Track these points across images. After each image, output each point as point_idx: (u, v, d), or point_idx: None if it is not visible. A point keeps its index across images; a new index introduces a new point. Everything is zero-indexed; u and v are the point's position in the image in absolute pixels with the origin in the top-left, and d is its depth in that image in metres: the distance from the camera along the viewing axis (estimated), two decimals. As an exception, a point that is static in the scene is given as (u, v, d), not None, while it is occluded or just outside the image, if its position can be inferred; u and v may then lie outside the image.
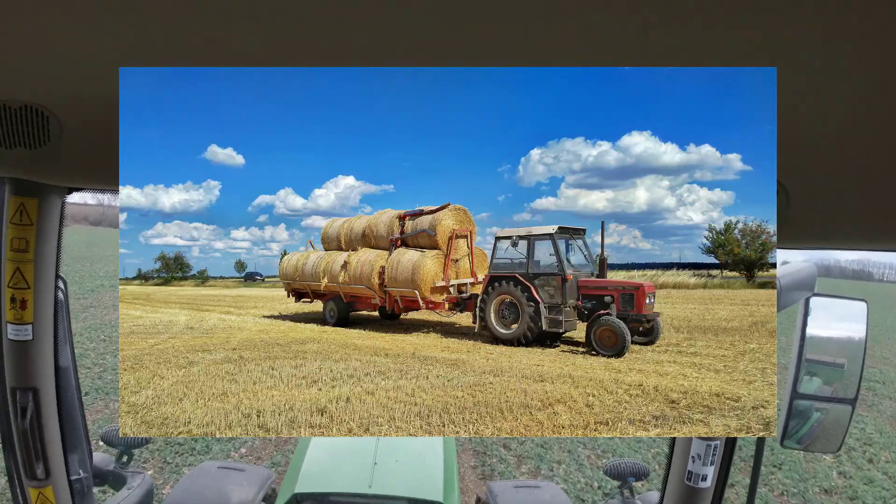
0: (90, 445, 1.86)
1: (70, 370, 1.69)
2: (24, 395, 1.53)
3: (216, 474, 3.26)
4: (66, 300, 1.64)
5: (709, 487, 1.88)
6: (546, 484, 3.63)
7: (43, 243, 1.46)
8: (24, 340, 1.49)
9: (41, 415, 1.57)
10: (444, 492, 2.84)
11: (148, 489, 2.27)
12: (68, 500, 1.69)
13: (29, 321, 1.49)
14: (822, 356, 1.53)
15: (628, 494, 2.93)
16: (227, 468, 3.38)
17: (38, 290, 1.48)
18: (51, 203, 1.45)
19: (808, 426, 1.56)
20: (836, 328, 1.52)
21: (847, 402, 1.52)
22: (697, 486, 1.88)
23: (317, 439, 3.38)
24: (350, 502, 2.77)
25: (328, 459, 3.16)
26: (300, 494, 2.76)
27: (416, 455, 3.22)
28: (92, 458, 1.89)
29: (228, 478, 3.21)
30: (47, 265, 1.49)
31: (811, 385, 1.54)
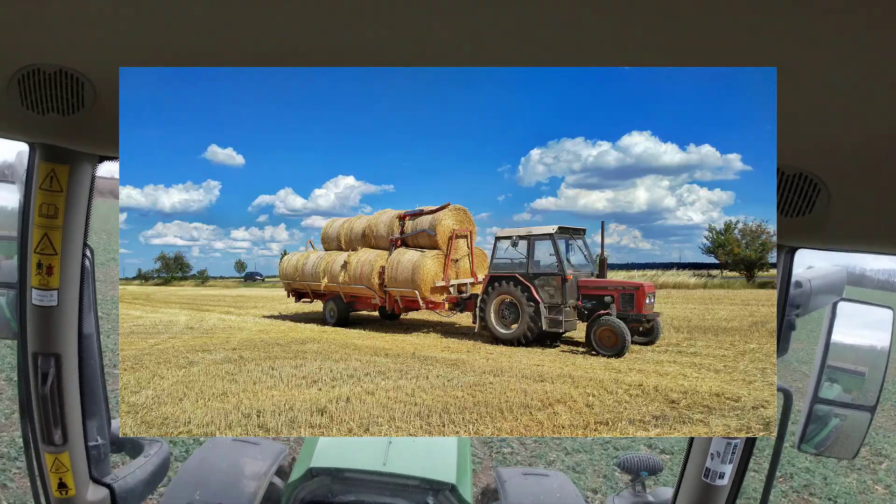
0: (109, 413, 1.86)
1: (93, 338, 1.69)
2: (46, 360, 1.53)
3: (230, 446, 3.27)
4: (92, 269, 1.63)
5: (725, 485, 1.87)
6: (554, 473, 3.64)
7: (72, 211, 1.46)
8: (48, 306, 1.50)
9: (62, 381, 1.57)
10: (458, 475, 2.85)
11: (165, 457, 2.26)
12: (84, 466, 1.70)
13: (55, 287, 1.48)
14: (844, 363, 1.52)
15: (640, 489, 2.92)
16: (241, 441, 3.40)
17: (65, 256, 1.48)
18: (82, 171, 1.44)
19: (826, 431, 1.56)
20: (860, 335, 1.51)
21: (866, 409, 1.51)
22: (714, 484, 1.86)
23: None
24: (364, 479, 2.78)
25: (344, 440, 3.18)
26: (315, 469, 2.77)
27: (431, 442, 3.25)
28: (110, 426, 1.89)
29: (242, 450, 3.22)
30: (75, 233, 1.49)
31: (832, 391, 1.53)
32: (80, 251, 1.53)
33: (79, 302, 1.57)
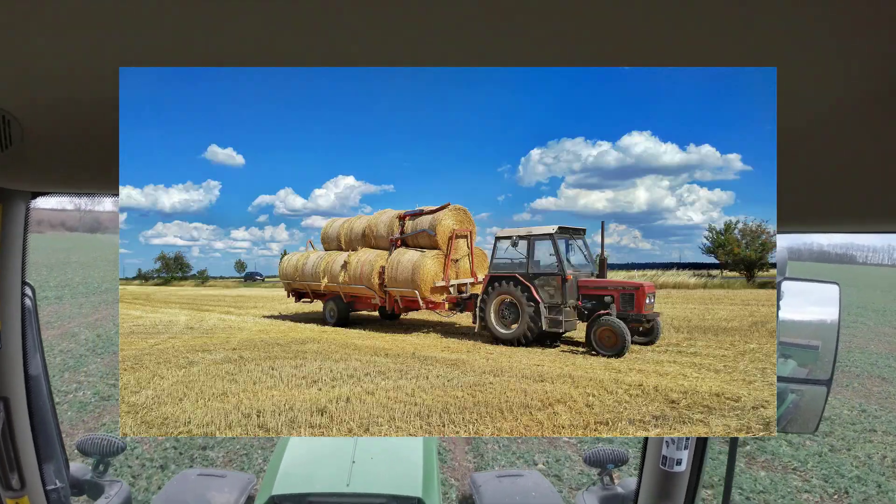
0: (66, 455, 1.82)
1: (41, 379, 1.63)
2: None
3: (197, 481, 3.25)
4: (34, 308, 1.58)
5: (684, 471, 1.91)
6: (528, 472, 3.64)
7: (7, 250, 1.41)
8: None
9: (13, 424, 1.52)
10: (424, 488, 2.82)
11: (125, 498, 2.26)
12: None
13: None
14: (796, 339, 1.54)
15: (608, 481, 2.97)
16: (208, 475, 3.38)
17: (3, 297, 1.43)
18: (14, 208, 1.40)
19: (783, 408, 1.57)
20: (809, 311, 1.54)
21: (822, 383, 1.53)
22: (673, 471, 1.92)
23: (295, 440, 3.34)
24: (328, 502, 2.75)
25: (306, 460, 3.12)
26: (277, 496, 2.73)
27: (394, 453, 3.19)
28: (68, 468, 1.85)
29: (210, 484, 3.20)
30: (12, 272, 1.44)
31: (786, 367, 1.55)
32: (19, 291, 1.48)
33: (22, 343, 1.52)
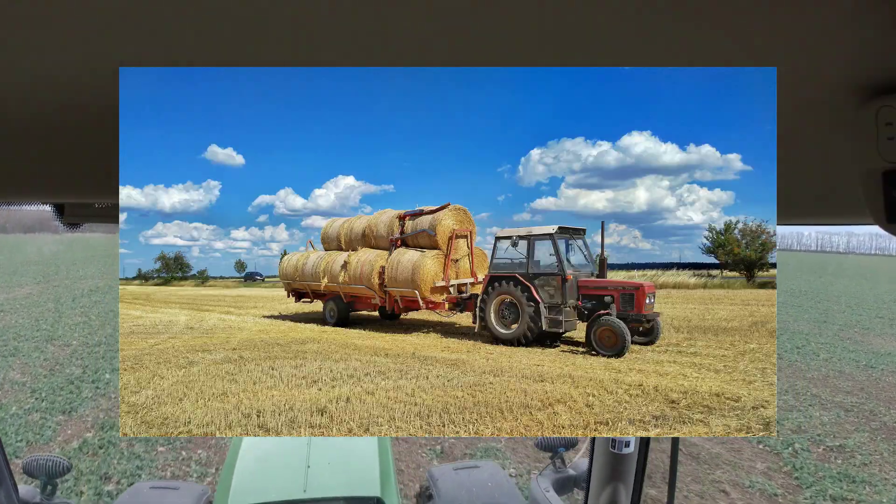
0: (14, 479, 1.81)
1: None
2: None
3: (150, 494, 3.22)
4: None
5: (632, 453, 2.03)
6: (485, 463, 3.65)
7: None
8: None
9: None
10: (381, 486, 2.79)
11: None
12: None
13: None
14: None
15: (560, 464, 3.02)
16: (161, 487, 3.35)
17: None
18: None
19: None
20: None
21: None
22: (622, 453, 2.05)
23: (246, 446, 3.26)
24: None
25: (259, 467, 3.06)
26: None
27: (349, 453, 3.14)
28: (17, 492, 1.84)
29: (163, 498, 3.17)
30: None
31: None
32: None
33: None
